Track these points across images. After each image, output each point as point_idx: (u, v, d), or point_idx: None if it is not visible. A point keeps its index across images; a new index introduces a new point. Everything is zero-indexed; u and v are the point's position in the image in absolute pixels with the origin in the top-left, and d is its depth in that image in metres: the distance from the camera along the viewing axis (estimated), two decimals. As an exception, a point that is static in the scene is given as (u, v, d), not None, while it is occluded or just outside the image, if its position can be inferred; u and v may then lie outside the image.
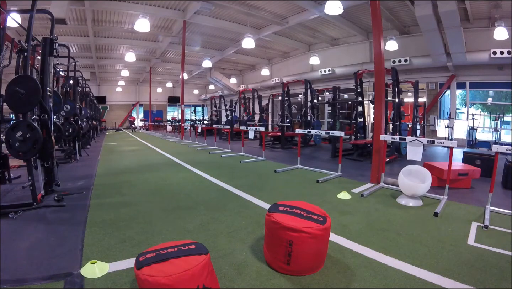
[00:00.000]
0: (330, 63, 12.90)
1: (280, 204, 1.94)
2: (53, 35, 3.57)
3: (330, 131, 5.81)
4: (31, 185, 2.82)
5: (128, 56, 13.05)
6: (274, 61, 17.42)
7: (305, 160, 6.04)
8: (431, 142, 3.38)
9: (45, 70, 3.35)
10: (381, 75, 4.20)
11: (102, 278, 1.63)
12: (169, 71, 21.16)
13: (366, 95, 9.87)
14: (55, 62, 4.69)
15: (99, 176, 4.53)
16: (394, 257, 1.87)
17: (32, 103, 2.91)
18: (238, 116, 13.71)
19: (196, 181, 4.25)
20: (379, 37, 4.12)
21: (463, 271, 1.70)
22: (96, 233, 2.27)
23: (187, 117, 22.34)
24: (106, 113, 23.61)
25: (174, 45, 13.84)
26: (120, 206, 3.01)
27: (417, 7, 7.80)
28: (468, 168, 3.91)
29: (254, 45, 11.05)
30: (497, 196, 3.23)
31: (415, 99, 7.47)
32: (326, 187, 3.85)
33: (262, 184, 3.99)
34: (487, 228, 2.37)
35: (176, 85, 24.99)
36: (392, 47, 9.48)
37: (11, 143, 2.80)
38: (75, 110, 6.07)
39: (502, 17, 7.98)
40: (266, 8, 10.02)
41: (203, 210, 2.86)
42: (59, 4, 7.88)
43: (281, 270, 1.70)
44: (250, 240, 2.13)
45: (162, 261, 1.31)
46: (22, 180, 3.87)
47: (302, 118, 9.25)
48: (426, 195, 3.27)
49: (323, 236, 1.70)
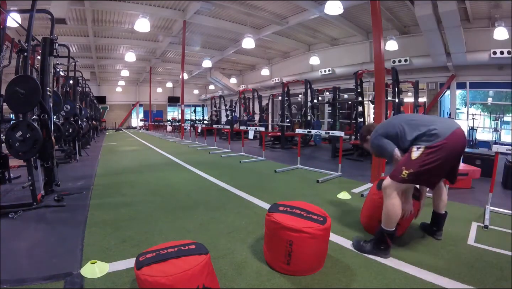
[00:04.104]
0: (330, 63, 12.90)
1: (280, 204, 1.94)
2: (53, 35, 3.57)
3: (330, 131, 5.81)
4: (31, 185, 2.82)
5: (128, 56, 13.04)
6: (274, 61, 17.42)
7: (305, 160, 6.04)
8: (431, 142, 3.37)
9: (45, 70, 3.35)
10: (381, 75, 4.19)
11: (102, 278, 1.63)
12: (169, 71, 21.15)
13: (366, 95, 9.85)
14: (55, 62, 4.68)
15: (99, 176, 4.53)
16: (394, 257, 1.87)
17: (32, 103, 2.91)
18: (238, 116, 13.71)
19: (196, 181, 4.25)
20: (379, 37, 4.11)
21: (463, 271, 1.70)
22: (96, 233, 2.26)
23: (187, 117, 22.32)
24: (106, 113, 23.60)
25: (174, 45, 13.83)
26: (120, 206, 3.00)
27: (417, 7, 7.80)
28: (468, 168, 3.91)
29: (254, 45, 11.04)
30: (497, 196, 3.22)
31: (415, 99, 7.47)
32: (326, 187, 3.85)
33: (262, 184, 3.99)
34: (487, 228, 2.37)
35: (176, 85, 24.98)
36: (392, 47, 9.48)
37: (11, 143, 2.80)
38: (75, 110, 6.06)
39: (502, 17, 7.97)
40: (266, 8, 10.02)
41: (203, 210, 2.86)
42: (59, 4, 7.89)
43: (281, 270, 1.70)
44: (250, 240, 2.13)
45: (162, 261, 1.31)
46: (22, 180, 3.87)
47: (302, 118, 9.25)
48: (426, 195, 3.26)
49: (323, 236, 1.70)
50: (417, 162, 1.75)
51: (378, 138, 2.07)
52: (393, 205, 1.84)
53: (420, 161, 1.74)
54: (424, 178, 1.81)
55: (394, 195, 1.84)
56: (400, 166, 1.83)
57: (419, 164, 1.74)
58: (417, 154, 1.76)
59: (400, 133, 1.93)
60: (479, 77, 9.39)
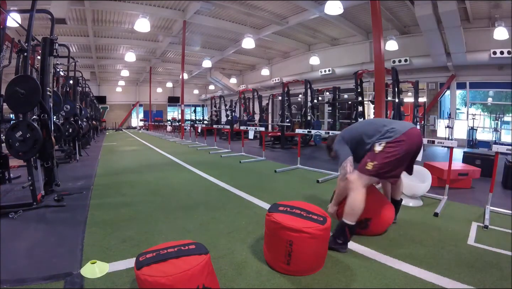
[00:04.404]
0: (330, 63, 12.90)
1: (280, 204, 1.94)
2: (53, 35, 3.57)
3: (330, 131, 5.81)
4: (31, 185, 2.82)
5: (128, 56, 13.05)
6: (274, 61, 17.42)
7: (305, 160, 6.03)
8: (431, 142, 3.38)
9: (45, 70, 3.35)
10: (381, 75, 4.20)
11: (102, 278, 1.63)
12: (169, 71, 21.16)
13: (366, 95, 9.86)
14: (55, 62, 4.68)
15: (99, 176, 4.53)
16: (394, 257, 1.87)
17: (32, 103, 2.91)
18: (238, 116, 13.71)
19: (196, 181, 4.25)
20: (379, 37, 4.12)
21: (463, 271, 1.70)
22: (96, 233, 2.26)
23: (187, 117, 22.33)
24: (106, 113, 23.61)
25: (174, 45, 13.84)
26: (120, 206, 3.00)
27: (417, 7, 7.80)
28: (468, 168, 3.91)
29: (254, 45, 11.05)
30: (497, 196, 3.22)
31: (415, 99, 7.48)
32: (326, 187, 3.85)
33: (262, 184, 3.99)
34: (487, 228, 2.37)
35: (176, 85, 24.99)
36: (392, 47, 9.48)
37: (11, 143, 2.79)
38: (75, 110, 6.07)
39: (502, 17, 7.98)
40: (266, 8, 10.02)
41: (203, 210, 2.86)
42: (59, 4, 7.90)
43: (281, 270, 1.70)
44: (250, 240, 2.13)
45: (162, 261, 1.31)
46: (22, 180, 3.87)
47: (302, 118, 9.25)
48: (426, 195, 3.26)
49: (323, 236, 1.70)
50: (380, 155, 1.95)
51: (340, 142, 2.26)
52: (357, 199, 1.95)
53: (383, 154, 1.94)
54: (387, 170, 1.96)
55: (360, 188, 1.97)
56: (366, 159, 2.01)
57: (382, 157, 1.94)
58: (380, 148, 1.97)
59: (363, 136, 2.12)
60: (479, 77, 9.40)
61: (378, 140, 2.01)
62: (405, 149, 1.94)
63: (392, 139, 1.95)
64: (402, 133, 1.95)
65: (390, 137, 1.96)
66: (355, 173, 2.03)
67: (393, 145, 1.93)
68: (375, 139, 2.03)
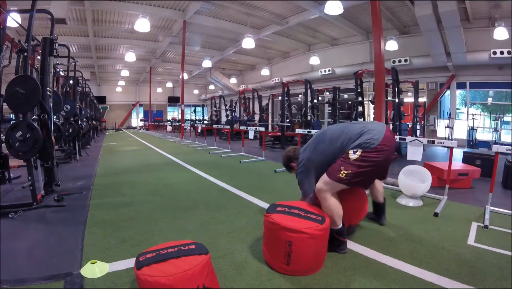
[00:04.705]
0: (330, 63, 12.90)
1: (278, 204, 1.94)
2: (53, 35, 3.57)
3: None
4: (31, 185, 2.82)
5: (128, 56, 13.04)
6: (274, 61, 17.42)
7: (305, 160, 6.02)
8: (431, 142, 3.38)
9: (45, 70, 3.35)
10: (381, 75, 4.20)
11: (102, 278, 1.63)
12: (169, 71, 21.16)
13: (366, 95, 9.86)
14: (55, 62, 4.68)
15: (99, 176, 4.53)
16: (394, 257, 1.87)
17: (32, 103, 2.91)
18: (238, 116, 13.71)
19: (196, 181, 4.25)
20: (379, 37, 4.12)
21: (463, 271, 1.70)
22: (96, 233, 2.26)
23: (187, 117, 22.33)
24: (106, 113, 23.61)
25: (174, 45, 13.84)
26: (120, 206, 3.01)
27: (417, 7, 7.80)
28: (468, 168, 3.91)
29: (254, 45, 11.04)
30: (497, 196, 3.22)
31: (415, 99, 7.47)
32: (326, 187, 3.85)
33: (262, 184, 3.99)
34: (487, 228, 2.37)
35: (176, 85, 24.98)
36: (392, 47, 9.48)
37: (11, 143, 2.80)
38: (75, 110, 6.07)
39: (502, 17, 7.97)
40: (266, 8, 10.02)
41: (203, 210, 2.86)
42: (59, 4, 7.90)
43: (281, 270, 1.70)
44: (250, 240, 2.13)
45: (162, 261, 1.31)
46: (22, 180, 3.87)
47: (302, 118, 9.25)
48: (426, 195, 3.26)
49: (322, 236, 1.70)
50: (355, 163, 1.82)
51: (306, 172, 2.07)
52: (331, 204, 1.89)
53: (358, 163, 1.82)
54: (360, 180, 1.87)
55: (329, 196, 1.90)
56: (339, 165, 1.87)
57: (357, 166, 1.82)
58: (355, 156, 1.83)
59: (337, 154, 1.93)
60: (479, 77, 9.40)
61: (354, 147, 1.85)
62: (383, 157, 1.84)
63: (368, 148, 1.82)
64: (379, 141, 1.81)
65: (366, 147, 1.82)
66: (324, 179, 1.91)
67: (369, 155, 1.81)
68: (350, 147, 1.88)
